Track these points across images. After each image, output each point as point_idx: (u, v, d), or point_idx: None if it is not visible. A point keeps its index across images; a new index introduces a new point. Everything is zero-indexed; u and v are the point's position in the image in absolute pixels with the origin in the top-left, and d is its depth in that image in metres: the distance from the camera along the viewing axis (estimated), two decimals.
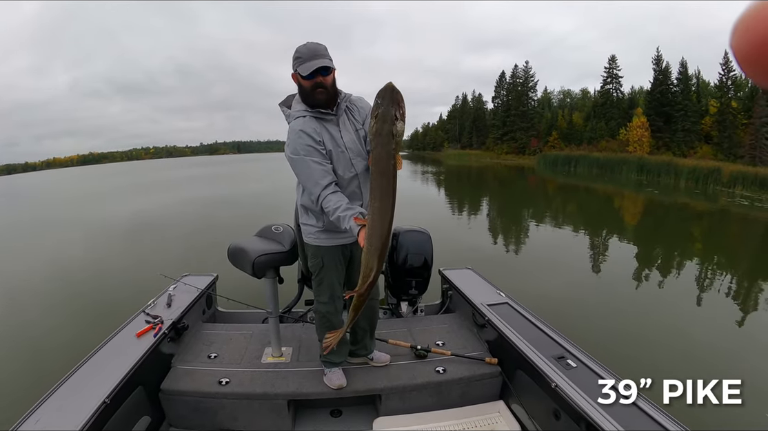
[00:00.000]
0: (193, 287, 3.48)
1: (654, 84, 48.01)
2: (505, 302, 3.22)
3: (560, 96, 66.61)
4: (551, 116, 59.50)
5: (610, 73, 53.16)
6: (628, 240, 11.16)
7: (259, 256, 2.67)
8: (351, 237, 2.27)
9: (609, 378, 2.12)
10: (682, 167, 32.65)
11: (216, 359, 2.82)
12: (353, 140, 2.29)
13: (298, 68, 2.14)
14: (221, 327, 3.34)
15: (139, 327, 2.76)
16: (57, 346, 4.70)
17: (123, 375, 2.24)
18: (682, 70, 46.74)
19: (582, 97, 62.11)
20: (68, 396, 2.05)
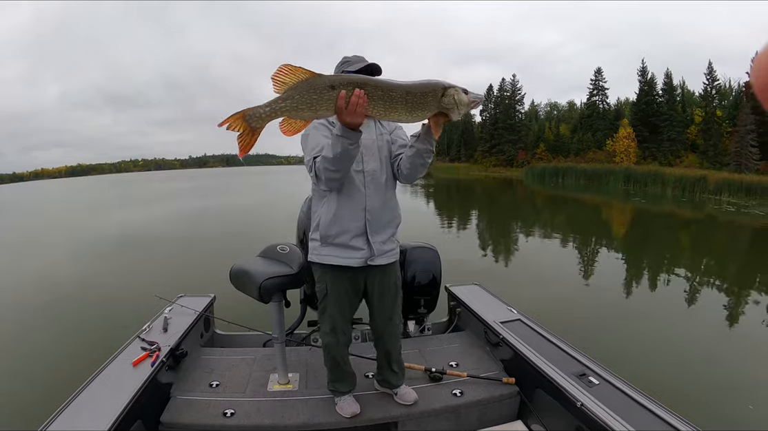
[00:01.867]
0: (190, 309, 3.31)
1: (639, 95, 48.61)
2: (517, 318, 3.14)
3: (547, 108, 67.51)
4: (538, 128, 60.03)
5: (596, 85, 53.87)
6: (623, 250, 10.97)
7: (266, 280, 2.48)
8: (359, 259, 2.16)
9: (636, 395, 2.07)
10: (668, 176, 32.73)
11: (218, 388, 2.64)
12: (372, 139, 2.18)
13: (345, 70, 2.15)
14: (221, 352, 3.14)
15: (134, 354, 2.60)
16: (46, 374, 4.33)
17: (121, 409, 2.06)
18: (667, 80, 47.37)
19: (569, 109, 62.85)
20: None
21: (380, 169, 2.17)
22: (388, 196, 2.21)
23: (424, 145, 1.99)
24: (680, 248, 11.76)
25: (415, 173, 2.12)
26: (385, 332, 2.40)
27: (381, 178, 2.17)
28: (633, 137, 46.11)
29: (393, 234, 2.26)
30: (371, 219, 2.13)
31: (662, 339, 4.89)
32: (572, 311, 5.73)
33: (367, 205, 2.12)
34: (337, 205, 2.12)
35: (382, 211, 2.17)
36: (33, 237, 14.46)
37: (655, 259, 9.90)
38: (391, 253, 2.26)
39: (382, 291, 2.30)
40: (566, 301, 6.20)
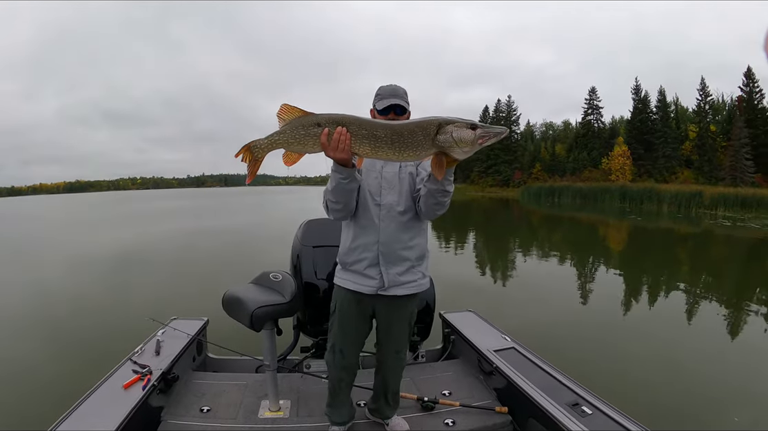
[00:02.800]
0: (183, 333, 3.28)
1: (634, 112, 48.93)
2: (511, 347, 3.12)
3: (542, 128, 67.63)
4: (534, 148, 60.16)
5: (591, 104, 54.20)
6: (621, 270, 10.66)
7: (257, 308, 2.46)
8: (370, 287, 2.15)
9: (629, 424, 2.07)
10: (664, 193, 32.64)
11: (209, 413, 2.60)
12: (393, 172, 2.17)
13: (375, 104, 2.15)
14: (213, 377, 3.12)
15: (126, 376, 2.58)
16: (34, 395, 4.16)
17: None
18: (661, 97, 47.82)
19: (564, 129, 63.03)
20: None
21: (399, 201, 2.14)
22: (408, 228, 2.16)
23: (435, 185, 1.92)
24: (677, 264, 11.61)
25: (431, 212, 2.07)
26: (389, 364, 2.37)
27: (400, 211, 2.14)
28: (628, 155, 46.16)
29: (414, 266, 2.20)
30: (384, 252, 2.12)
31: (660, 359, 4.79)
32: (568, 333, 5.62)
33: (381, 238, 2.12)
34: (353, 235, 2.17)
35: (398, 243, 2.14)
36: (28, 254, 14.23)
37: (653, 277, 9.79)
38: (410, 285, 2.20)
39: (391, 322, 2.27)
40: (562, 323, 6.07)
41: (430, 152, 1.70)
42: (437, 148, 1.68)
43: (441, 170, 1.73)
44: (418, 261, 2.22)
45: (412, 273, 2.19)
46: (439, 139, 1.65)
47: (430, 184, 1.92)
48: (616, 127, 53.39)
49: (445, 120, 1.66)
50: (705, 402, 3.86)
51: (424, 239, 2.26)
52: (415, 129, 1.66)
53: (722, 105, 44.44)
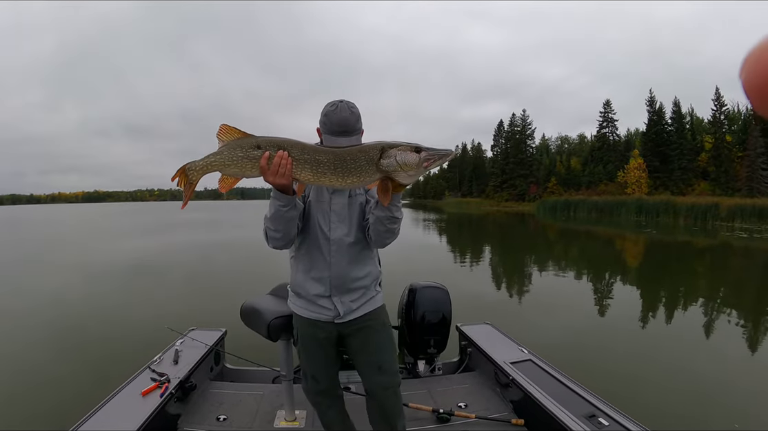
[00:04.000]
0: (201, 343, 3.33)
1: (649, 125, 48.51)
2: (528, 359, 3.10)
3: (558, 142, 67.58)
4: (549, 162, 60.11)
5: (606, 116, 54.10)
6: (638, 284, 10.68)
7: (274, 319, 2.49)
8: (327, 316, 2.07)
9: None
10: (680, 205, 32.42)
11: (225, 422, 2.67)
12: (342, 203, 2.04)
13: (323, 137, 1.95)
14: (230, 386, 3.18)
15: (144, 384, 2.62)
16: (53, 403, 4.29)
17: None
18: (676, 109, 47.30)
19: (579, 142, 62.81)
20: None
21: (350, 233, 2.04)
22: (359, 260, 2.07)
23: (382, 211, 1.84)
24: (694, 278, 11.58)
25: (381, 240, 1.98)
26: (376, 385, 2.15)
27: (350, 243, 2.04)
28: (644, 168, 45.88)
29: (367, 288, 2.12)
30: (337, 284, 2.03)
31: (678, 373, 4.81)
32: (585, 348, 5.70)
33: (332, 273, 2.02)
34: (303, 267, 2.07)
35: (350, 275, 2.05)
36: (49, 262, 14.60)
37: (670, 291, 9.83)
38: (366, 305, 2.12)
39: (365, 341, 2.13)
40: (579, 338, 6.15)
41: (375, 177, 1.65)
42: (382, 173, 1.63)
43: (386, 196, 1.69)
44: (373, 282, 2.15)
45: (365, 295, 2.11)
46: (383, 163, 1.60)
47: (378, 211, 1.84)
48: (631, 139, 53.08)
49: (388, 144, 1.62)
50: (721, 414, 3.85)
51: (376, 265, 2.17)
52: (358, 154, 1.62)
53: (738, 115, 43.96)
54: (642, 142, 49.20)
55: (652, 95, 48.72)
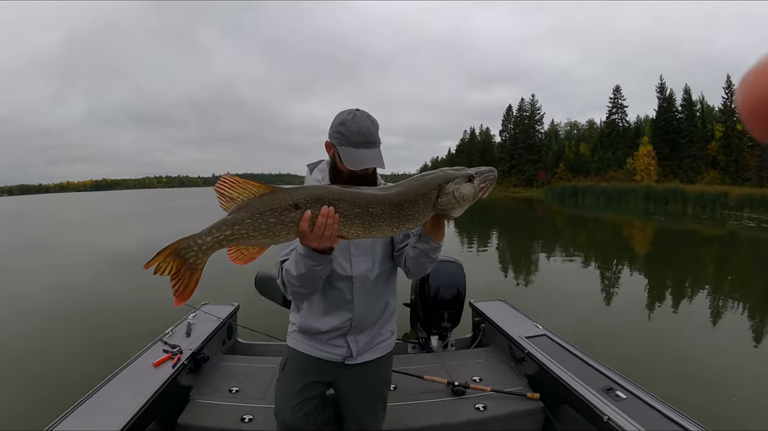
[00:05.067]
0: (214, 316, 3.30)
1: (659, 112, 48.36)
2: (543, 334, 3.06)
3: (567, 128, 67.30)
4: (558, 148, 60.19)
5: (615, 102, 53.91)
6: (645, 270, 10.95)
7: None
8: (337, 356, 1.81)
9: (665, 409, 2.01)
10: (689, 193, 32.50)
11: (238, 394, 2.63)
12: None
13: (339, 150, 1.61)
14: (242, 360, 3.16)
15: (156, 356, 2.61)
16: (68, 374, 4.49)
17: (138, 407, 2.06)
18: (686, 96, 47.02)
19: (588, 128, 62.58)
20: (77, 428, 1.89)
21: (373, 267, 1.78)
22: (383, 293, 1.85)
23: (429, 244, 1.59)
24: (702, 265, 11.81)
25: (423, 270, 1.74)
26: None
27: (374, 279, 1.78)
28: (653, 155, 45.83)
29: (384, 324, 1.90)
30: (357, 325, 1.80)
31: (687, 357, 4.92)
32: (595, 332, 5.74)
33: (355, 314, 1.78)
34: (316, 310, 1.81)
35: (372, 313, 1.83)
36: (63, 247, 15.31)
37: (679, 278, 9.99)
38: (380, 347, 1.90)
39: (362, 392, 1.90)
40: (589, 322, 6.23)
41: (429, 217, 1.43)
42: (437, 212, 1.41)
43: (440, 233, 1.53)
44: (390, 319, 1.94)
45: (381, 333, 1.90)
46: (441, 202, 1.38)
47: (422, 244, 1.60)
48: (641, 126, 52.83)
49: (443, 179, 1.38)
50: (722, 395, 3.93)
51: (395, 296, 1.95)
52: (416, 199, 1.36)
53: None
54: (651, 128, 49.07)
55: (662, 82, 48.50)
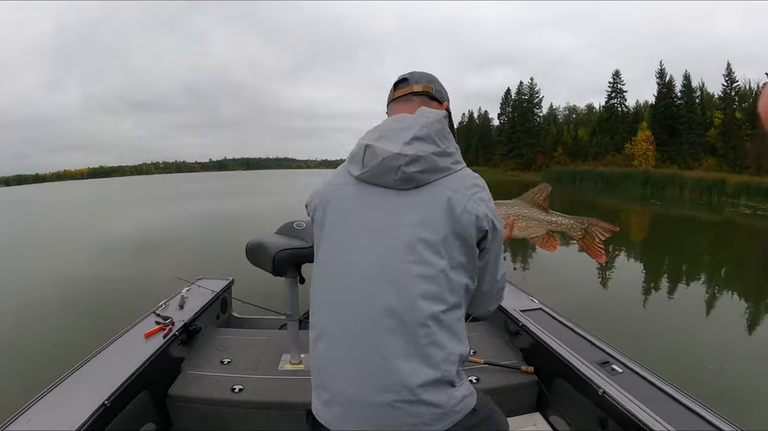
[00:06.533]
0: (208, 290, 3.28)
1: (658, 97, 48.35)
2: (539, 308, 3.01)
3: (566, 112, 67.18)
4: (557, 132, 60.16)
5: (615, 87, 53.82)
6: (643, 254, 11.30)
7: (280, 251, 2.45)
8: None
9: (661, 384, 1.98)
10: (686, 179, 32.77)
11: (229, 365, 2.64)
12: None
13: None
14: (236, 332, 3.16)
15: (148, 328, 2.58)
16: (59, 347, 4.58)
17: (127, 376, 2.05)
18: (686, 83, 46.96)
19: (587, 113, 62.54)
20: (65, 397, 1.88)
21: None
22: None
23: None
24: (697, 249, 12.05)
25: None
26: None
27: None
28: (652, 140, 45.95)
29: None
30: None
31: (681, 342, 4.97)
32: (590, 310, 5.80)
33: None
34: None
35: None
36: (61, 231, 15.70)
37: (674, 263, 10.16)
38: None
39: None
40: (584, 302, 6.29)
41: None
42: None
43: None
44: None
45: None
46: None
47: None
48: (640, 111, 52.68)
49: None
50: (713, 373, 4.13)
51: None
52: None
53: (749, 92, 43.66)
54: (651, 114, 49.07)
55: (662, 67, 48.39)
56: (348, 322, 1.11)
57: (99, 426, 1.80)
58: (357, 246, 1.14)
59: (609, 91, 54.15)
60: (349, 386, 1.10)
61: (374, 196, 1.15)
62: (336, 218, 1.19)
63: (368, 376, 1.07)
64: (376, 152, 1.14)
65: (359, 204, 1.17)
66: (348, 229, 1.17)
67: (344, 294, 1.14)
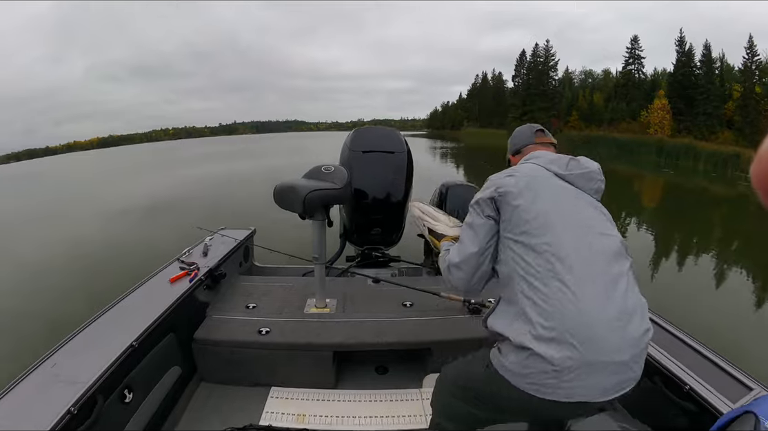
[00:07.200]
0: (231, 238, 3.32)
1: (677, 66, 47.28)
2: None
3: (581, 76, 66.28)
4: (572, 96, 59.54)
5: (632, 53, 52.85)
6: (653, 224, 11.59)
7: (310, 192, 2.42)
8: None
9: (688, 338, 1.99)
10: (701, 150, 32.79)
11: (255, 309, 2.67)
12: None
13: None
14: (260, 280, 3.22)
15: (173, 274, 2.59)
16: (85, 297, 4.79)
17: (154, 319, 2.06)
18: (706, 52, 45.84)
19: (604, 78, 61.71)
20: (90, 341, 1.87)
21: None
22: None
23: None
24: (709, 224, 12.37)
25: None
26: None
27: None
28: (668, 109, 45.38)
29: None
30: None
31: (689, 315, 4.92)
32: None
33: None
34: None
35: None
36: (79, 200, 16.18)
37: (684, 234, 10.41)
38: None
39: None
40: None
41: None
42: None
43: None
44: None
45: None
46: None
47: None
48: (657, 79, 51.86)
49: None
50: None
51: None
52: None
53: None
54: (668, 82, 48.21)
55: (682, 35, 46.97)
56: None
57: (124, 369, 1.80)
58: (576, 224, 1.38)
59: (626, 57, 53.17)
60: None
61: (575, 194, 1.45)
62: (549, 198, 1.40)
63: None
64: (581, 163, 1.50)
65: (568, 194, 1.43)
66: (564, 210, 1.39)
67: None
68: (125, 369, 1.80)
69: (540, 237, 1.30)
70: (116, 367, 1.72)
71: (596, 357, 1.20)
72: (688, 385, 1.68)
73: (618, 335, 1.22)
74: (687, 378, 1.71)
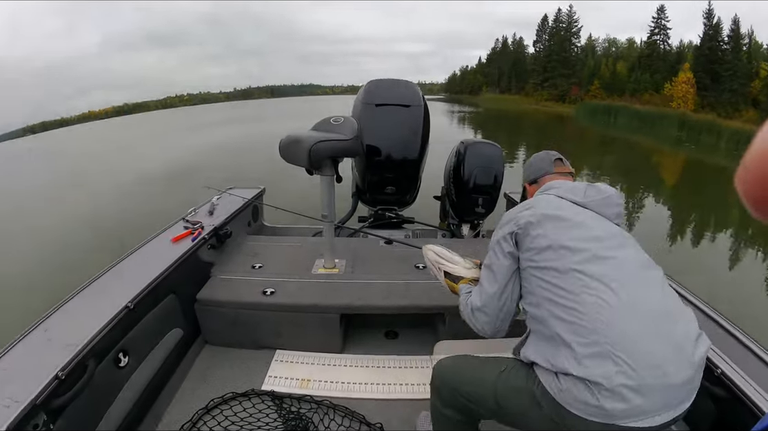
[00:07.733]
0: (239, 197, 3.20)
1: (704, 39, 46.18)
2: None
3: (605, 44, 65.01)
4: (594, 64, 58.44)
5: (658, 23, 51.65)
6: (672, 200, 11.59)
7: (316, 143, 2.28)
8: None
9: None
10: (724, 128, 32.47)
11: (261, 269, 2.59)
12: None
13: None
14: (268, 239, 3.14)
15: (177, 233, 2.49)
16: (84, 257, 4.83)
17: (151, 280, 1.98)
18: (734, 27, 44.75)
19: (628, 47, 60.52)
20: (86, 304, 1.79)
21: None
22: None
23: None
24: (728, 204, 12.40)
25: None
26: None
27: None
28: (693, 83, 44.61)
29: None
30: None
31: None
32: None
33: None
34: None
35: None
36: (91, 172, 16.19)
37: (702, 212, 10.32)
38: None
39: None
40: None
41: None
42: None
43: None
44: None
45: None
46: None
47: None
48: (683, 52, 50.67)
49: None
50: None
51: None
52: None
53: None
54: (694, 56, 47.21)
55: (710, 7, 45.72)
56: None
57: (121, 331, 1.75)
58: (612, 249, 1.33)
59: (652, 27, 51.90)
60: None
61: (595, 217, 1.42)
62: (570, 223, 1.37)
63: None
64: (599, 190, 1.48)
65: (587, 217, 1.41)
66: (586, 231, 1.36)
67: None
68: (120, 331, 1.75)
69: (564, 258, 1.28)
70: (109, 330, 1.65)
71: (647, 372, 1.10)
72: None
73: (668, 344, 1.15)
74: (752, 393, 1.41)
